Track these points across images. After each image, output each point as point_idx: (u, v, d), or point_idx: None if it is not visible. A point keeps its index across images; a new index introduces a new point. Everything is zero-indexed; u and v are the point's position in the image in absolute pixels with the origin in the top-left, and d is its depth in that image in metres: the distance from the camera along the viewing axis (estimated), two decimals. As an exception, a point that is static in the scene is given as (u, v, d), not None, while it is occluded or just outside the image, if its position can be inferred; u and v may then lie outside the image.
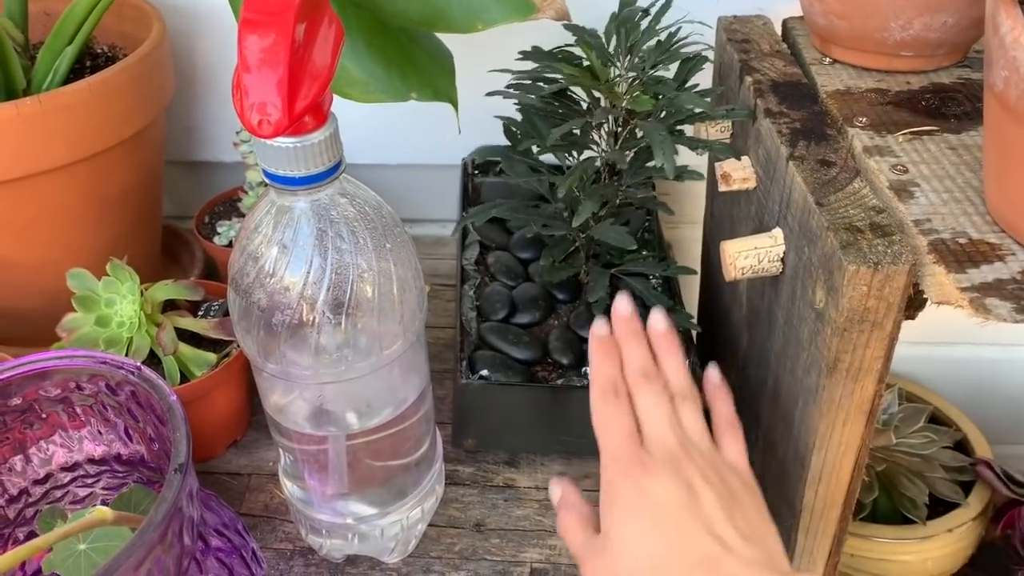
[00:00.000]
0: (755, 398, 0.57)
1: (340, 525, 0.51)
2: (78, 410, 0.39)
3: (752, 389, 0.58)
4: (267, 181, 0.39)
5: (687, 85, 0.54)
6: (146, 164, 0.64)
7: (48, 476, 0.40)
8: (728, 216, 0.63)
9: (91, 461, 0.41)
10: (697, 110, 0.52)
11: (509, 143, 0.60)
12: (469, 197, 0.73)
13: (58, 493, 0.41)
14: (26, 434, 0.38)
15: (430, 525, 0.56)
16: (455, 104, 0.54)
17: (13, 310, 0.63)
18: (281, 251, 0.40)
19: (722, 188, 0.55)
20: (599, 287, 0.57)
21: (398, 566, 0.54)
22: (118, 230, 0.63)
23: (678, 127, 0.54)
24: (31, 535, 0.41)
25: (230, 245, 0.67)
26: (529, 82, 0.55)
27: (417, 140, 0.78)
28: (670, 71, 0.55)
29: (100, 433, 0.40)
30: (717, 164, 0.56)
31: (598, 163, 0.57)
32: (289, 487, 0.51)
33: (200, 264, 0.71)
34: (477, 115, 0.59)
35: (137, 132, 0.60)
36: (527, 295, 0.62)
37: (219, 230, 0.68)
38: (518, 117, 0.58)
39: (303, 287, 0.40)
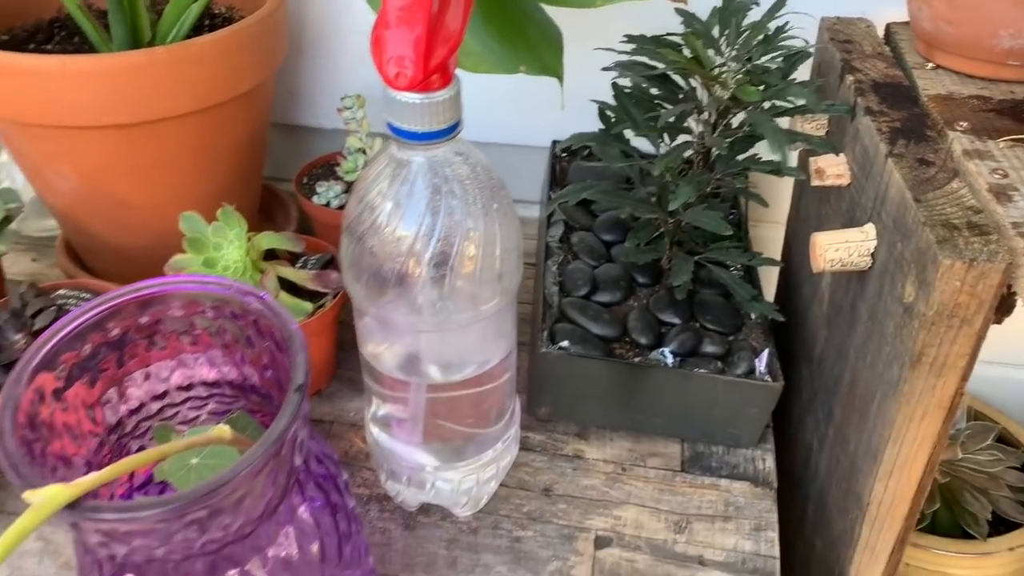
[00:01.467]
0: (830, 394, 0.58)
1: (419, 474, 0.53)
2: (199, 333, 0.41)
3: (827, 384, 0.59)
4: (391, 135, 0.41)
5: (789, 79, 0.55)
6: (255, 121, 0.67)
7: (164, 394, 0.43)
8: (814, 214, 0.64)
9: (204, 384, 0.43)
10: (801, 102, 0.53)
11: (602, 127, 0.62)
12: (556, 179, 0.74)
13: (170, 412, 0.44)
14: (150, 352, 0.41)
15: (501, 485, 0.58)
16: (561, 79, 0.56)
17: (121, 248, 0.66)
18: (396, 205, 0.43)
19: (815, 183, 0.56)
20: (683, 272, 0.58)
21: (468, 520, 0.56)
22: (223, 182, 0.66)
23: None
24: (140, 448, 0.44)
25: (327, 205, 0.70)
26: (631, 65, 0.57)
27: (507, 119, 0.80)
28: (772, 65, 0.56)
29: (216, 358, 0.42)
30: (811, 159, 0.57)
31: (688, 153, 0.58)
32: (375, 433, 0.54)
33: (294, 223, 0.74)
34: (566, 99, 0.60)
35: (250, 89, 0.63)
36: (609, 275, 0.64)
37: (318, 190, 0.71)
38: (611, 102, 0.60)
39: (413, 241, 0.43)
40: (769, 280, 0.73)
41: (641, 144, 0.60)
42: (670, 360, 0.58)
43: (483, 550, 0.55)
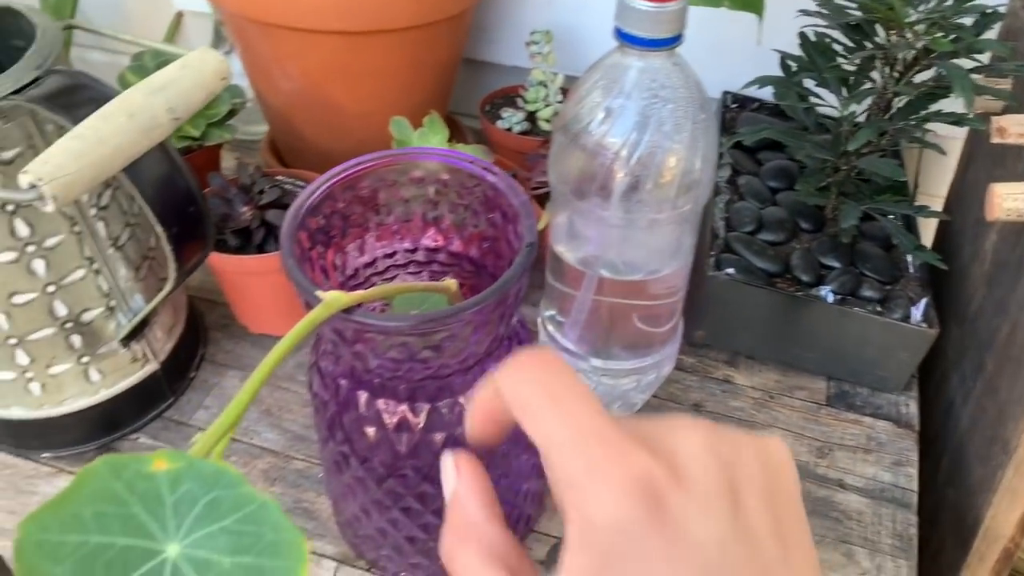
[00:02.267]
0: (982, 348, 0.60)
1: (585, 371, 0.58)
2: (431, 202, 0.47)
3: (980, 340, 0.61)
4: (619, 42, 0.46)
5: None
6: (456, 45, 0.73)
7: (393, 254, 0.49)
8: (984, 179, 0.65)
9: (428, 250, 0.49)
10: (986, 61, 0.55)
11: (783, 75, 0.65)
12: (725, 128, 0.78)
13: (394, 272, 0.50)
14: (391, 213, 0.47)
15: (652, 396, 0.63)
16: (760, 14, 0.59)
17: (323, 150, 0.73)
18: (610, 111, 0.47)
19: (995, 139, 0.58)
20: (851, 216, 0.61)
21: (622, 422, 0.61)
22: (423, 98, 0.72)
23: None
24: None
25: (509, 130, 0.75)
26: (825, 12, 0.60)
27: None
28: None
29: (442, 226, 0.48)
30: (993, 118, 0.58)
31: (867, 102, 0.61)
32: (549, 331, 0.59)
33: (473, 146, 0.80)
34: (743, 50, 0.64)
35: (459, 13, 0.69)
36: (774, 217, 0.67)
37: (503, 116, 0.76)
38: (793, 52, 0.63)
39: (622, 146, 0.47)
40: (925, 242, 0.74)
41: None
42: (830, 297, 0.61)
43: (635, 448, 0.60)
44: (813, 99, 0.65)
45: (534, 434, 0.22)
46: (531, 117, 0.77)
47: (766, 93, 0.76)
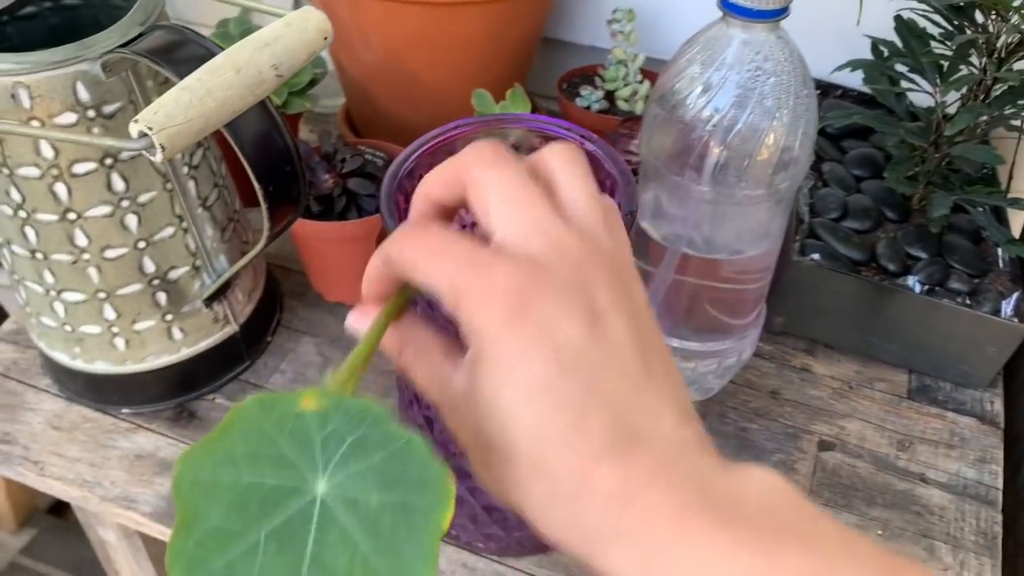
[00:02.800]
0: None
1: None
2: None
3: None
4: (724, 12, 0.45)
5: (1091, 23, 0.55)
6: (537, 19, 0.73)
7: (472, 224, 0.49)
8: (1082, 172, 0.63)
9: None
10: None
11: (874, 58, 0.64)
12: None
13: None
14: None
15: (729, 382, 0.62)
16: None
17: (400, 122, 0.74)
18: (711, 82, 0.47)
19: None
20: (942, 206, 0.60)
21: (697, 404, 0.60)
22: (503, 72, 0.72)
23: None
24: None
25: (588, 108, 0.75)
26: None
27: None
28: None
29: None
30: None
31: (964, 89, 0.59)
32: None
33: (547, 125, 0.80)
34: (828, 34, 0.63)
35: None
36: (859, 204, 0.65)
37: (582, 93, 0.75)
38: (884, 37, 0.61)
39: (722, 117, 0.46)
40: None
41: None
42: (917, 287, 0.60)
43: (711, 433, 0.58)
44: (905, 84, 0.63)
45: (425, 286, 0.26)
46: (609, 96, 0.76)
47: (850, 80, 0.75)
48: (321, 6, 0.70)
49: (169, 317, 0.56)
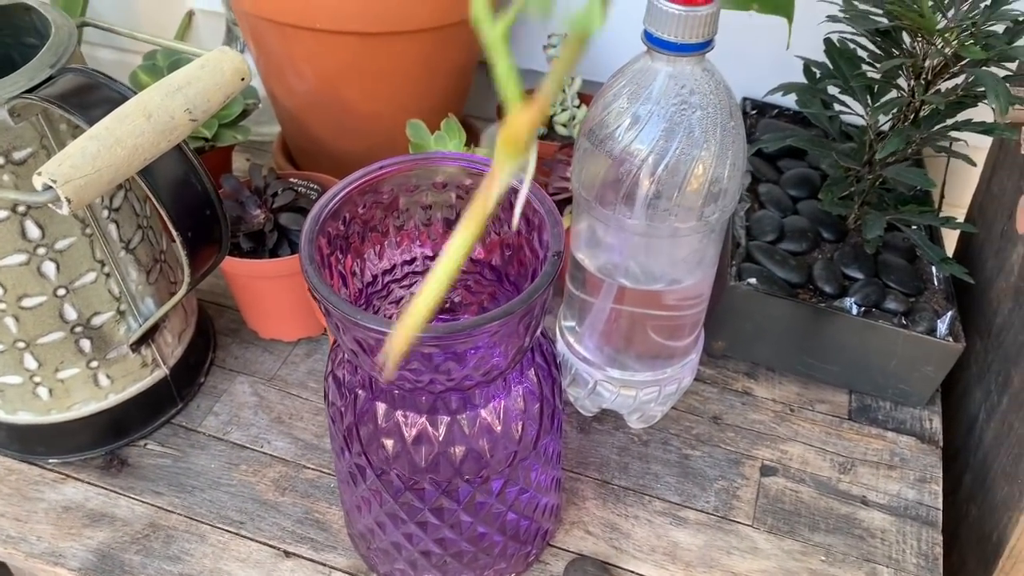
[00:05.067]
0: (1009, 363, 0.59)
1: (602, 381, 0.57)
2: (452, 207, 0.46)
3: (1007, 354, 0.60)
4: (648, 46, 0.45)
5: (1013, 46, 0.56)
6: (472, 47, 0.72)
7: (412, 260, 0.48)
8: (1011, 189, 0.64)
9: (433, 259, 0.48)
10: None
11: (807, 81, 0.64)
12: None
13: (413, 279, 0.48)
14: (410, 219, 0.46)
15: (672, 408, 0.61)
16: (790, 19, 0.58)
17: (336, 153, 0.72)
18: (638, 117, 0.46)
19: (1026, 150, 0.56)
20: (876, 227, 0.60)
21: (639, 432, 0.60)
22: (438, 102, 0.71)
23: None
24: (391, 304, 0.49)
25: (526, 134, 0.74)
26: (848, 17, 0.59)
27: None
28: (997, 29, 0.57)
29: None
30: None
31: (893, 111, 0.60)
32: (567, 340, 0.58)
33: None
34: (763, 56, 0.63)
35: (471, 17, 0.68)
36: (796, 226, 0.66)
37: (519, 118, 0.75)
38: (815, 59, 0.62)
39: (648, 154, 0.46)
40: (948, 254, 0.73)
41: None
42: (855, 309, 0.60)
43: (653, 461, 0.58)
44: (837, 107, 0.64)
45: None
46: (547, 122, 0.76)
47: (786, 100, 0.75)
48: (251, 37, 0.69)
49: (94, 364, 0.54)
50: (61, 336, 0.52)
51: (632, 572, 0.53)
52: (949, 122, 0.59)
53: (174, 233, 0.44)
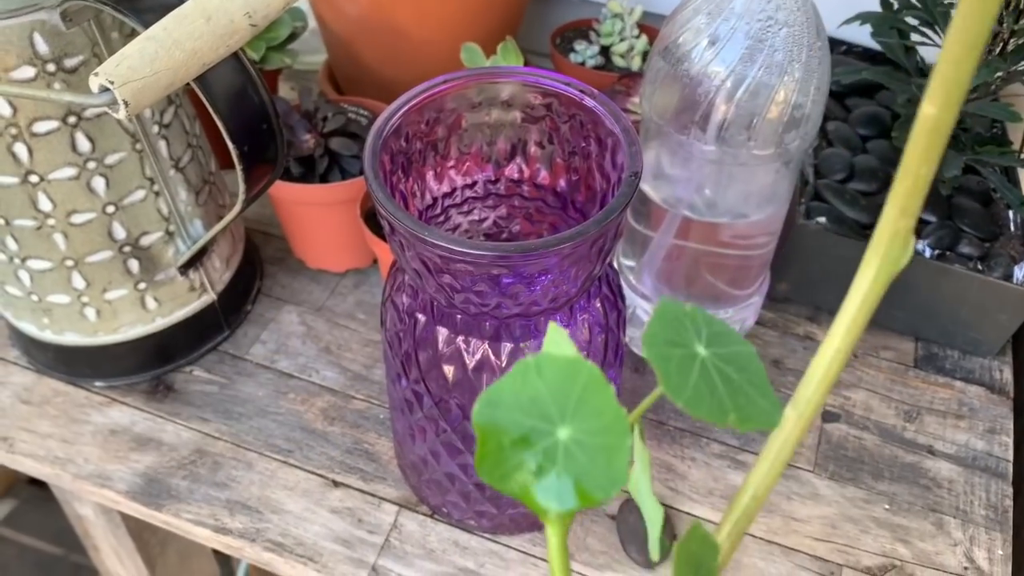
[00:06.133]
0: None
1: (664, 318, 0.55)
2: (517, 128, 0.44)
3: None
4: (733, -44, 0.42)
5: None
6: (529, -28, 0.69)
7: (473, 184, 0.46)
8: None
9: (511, 181, 0.46)
10: None
11: (883, 10, 0.61)
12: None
13: (472, 204, 0.46)
14: (474, 141, 0.44)
15: (730, 350, 0.59)
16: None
17: (384, 80, 0.70)
18: (718, 35, 0.43)
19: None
20: (953, 166, 0.57)
21: (698, 375, 0.58)
22: (492, 26, 0.68)
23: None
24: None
25: (583, 64, 0.71)
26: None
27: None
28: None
29: (528, 155, 0.45)
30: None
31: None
32: (627, 278, 0.56)
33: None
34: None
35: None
36: (866, 165, 0.63)
37: (576, 48, 0.72)
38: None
39: (730, 72, 0.43)
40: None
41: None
42: (927, 252, 0.57)
43: (711, 403, 0.56)
44: (916, 37, 0.60)
45: None
46: (605, 52, 0.73)
47: (856, 35, 0.72)
48: (301, -44, 0.66)
49: (142, 286, 0.53)
50: (109, 255, 0.51)
51: (689, 513, 0.51)
52: (1040, 56, 0.55)
53: (231, 146, 0.42)
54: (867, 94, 0.70)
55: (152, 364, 0.57)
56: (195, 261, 0.54)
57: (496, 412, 0.20)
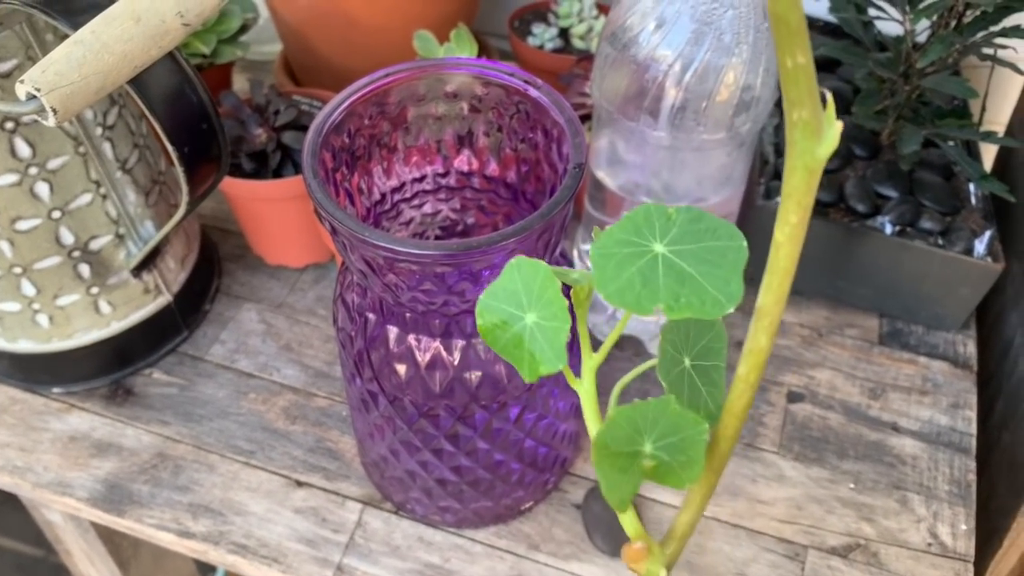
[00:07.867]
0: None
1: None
2: (464, 120, 0.43)
3: (1047, 274, 0.57)
4: (676, -62, 0.41)
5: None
6: (483, -45, 0.68)
7: (422, 178, 0.45)
8: (1056, 100, 0.61)
9: (460, 174, 0.45)
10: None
11: (842, -13, 0.60)
12: (769, 47, 0.72)
13: (423, 198, 0.46)
14: (420, 135, 0.43)
15: (694, 333, 0.59)
16: None
17: (340, 69, 0.69)
18: (663, 18, 0.43)
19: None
20: (912, 141, 0.57)
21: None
22: (447, 11, 0.67)
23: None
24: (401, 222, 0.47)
25: (541, 48, 0.70)
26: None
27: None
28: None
29: (476, 148, 0.44)
30: (1075, 33, 0.53)
31: (934, 17, 0.56)
32: (588, 264, 0.55)
33: (499, 67, 0.75)
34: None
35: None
36: (826, 142, 0.62)
37: (534, 31, 0.71)
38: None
39: (677, 56, 0.43)
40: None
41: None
42: (888, 229, 0.57)
43: (676, 388, 0.56)
44: (873, 12, 0.60)
45: None
46: (564, 34, 0.72)
47: (815, 9, 0.71)
48: (249, -54, 0.65)
49: (94, 290, 0.52)
50: (58, 261, 0.50)
51: (655, 501, 0.51)
52: (995, 28, 0.55)
53: (170, 148, 0.41)
54: (828, 69, 0.69)
55: (110, 368, 0.56)
56: (148, 263, 0.53)
57: (490, 301, 0.27)
